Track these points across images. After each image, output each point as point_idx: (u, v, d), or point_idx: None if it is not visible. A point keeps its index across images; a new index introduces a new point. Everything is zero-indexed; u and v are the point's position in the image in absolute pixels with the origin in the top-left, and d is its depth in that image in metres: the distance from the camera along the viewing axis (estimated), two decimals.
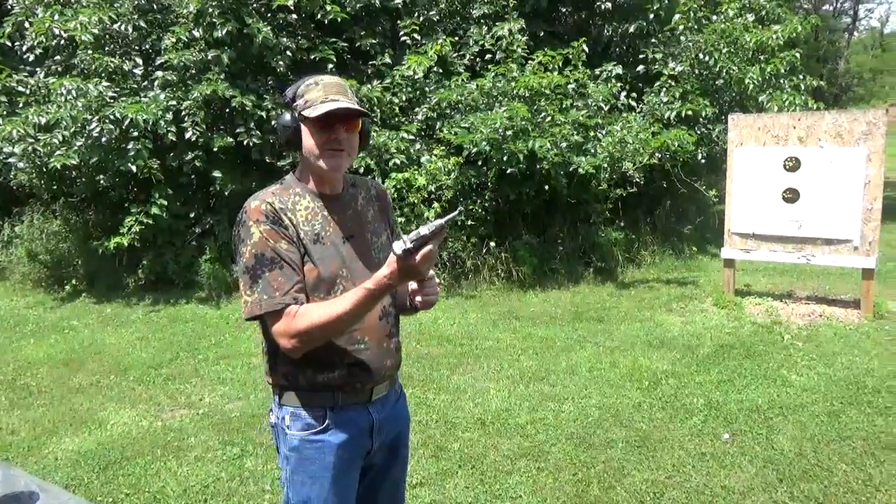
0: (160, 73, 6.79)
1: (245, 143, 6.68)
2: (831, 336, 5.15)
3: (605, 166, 6.82)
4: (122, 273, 7.03)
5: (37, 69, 7.43)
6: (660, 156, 7.00)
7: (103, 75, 6.75)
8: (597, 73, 7.78)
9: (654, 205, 8.37)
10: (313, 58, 7.11)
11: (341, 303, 1.57)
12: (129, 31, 7.05)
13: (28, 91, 7.07)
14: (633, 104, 7.81)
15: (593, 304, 6.23)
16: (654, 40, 8.42)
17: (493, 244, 7.00)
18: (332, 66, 7.16)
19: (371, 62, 7.55)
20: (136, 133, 6.31)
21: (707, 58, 7.75)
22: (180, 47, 6.67)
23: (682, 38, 8.00)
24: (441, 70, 7.45)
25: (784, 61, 7.69)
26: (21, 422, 4.03)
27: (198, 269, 6.85)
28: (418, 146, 7.07)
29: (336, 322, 1.57)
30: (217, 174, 6.73)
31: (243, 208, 1.66)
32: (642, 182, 7.31)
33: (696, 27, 7.96)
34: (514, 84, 6.86)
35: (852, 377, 4.34)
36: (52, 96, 6.51)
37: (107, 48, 7.17)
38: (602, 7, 8.47)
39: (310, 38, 7.36)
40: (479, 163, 6.94)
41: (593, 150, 6.88)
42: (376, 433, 1.77)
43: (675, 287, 6.73)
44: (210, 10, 6.68)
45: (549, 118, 6.75)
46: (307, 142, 1.66)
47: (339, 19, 7.16)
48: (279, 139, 1.72)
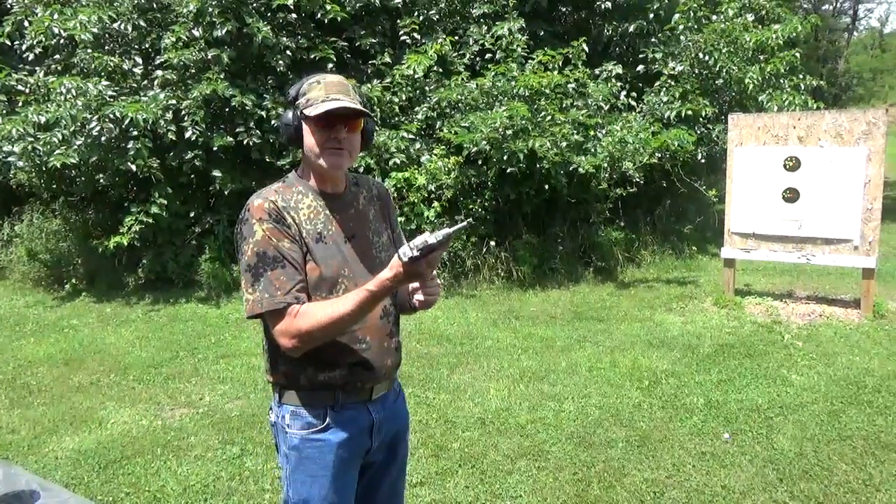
0: (160, 73, 6.79)
1: (245, 142, 6.68)
2: (831, 336, 5.16)
3: (605, 166, 6.83)
4: (122, 272, 7.03)
5: (36, 68, 7.42)
6: (660, 155, 7.00)
7: (103, 74, 6.75)
8: (597, 72, 7.78)
9: (654, 204, 8.38)
10: (313, 57, 7.11)
11: (343, 303, 1.57)
12: (129, 30, 7.05)
13: (28, 90, 7.08)
14: (633, 104, 7.81)
15: (593, 304, 6.23)
16: (654, 40, 8.42)
17: (493, 243, 7.01)
18: (331, 66, 7.15)
19: (371, 61, 7.55)
20: (135, 132, 6.31)
21: (707, 57, 7.75)
22: (180, 46, 6.67)
23: (682, 37, 8.00)
24: (441, 69, 7.45)
25: (784, 61, 7.69)
26: (21, 421, 4.03)
27: (197, 268, 6.85)
28: (418, 145, 7.07)
29: (338, 322, 1.57)
30: (217, 173, 6.73)
31: (246, 206, 1.65)
32: (642, 182, 7.31)
33: (695, 27, 7.97)
34: (514, 83, 6.86)
35: (852, 377, 4.34)
36: (52, 95, 6.51)
37: (106, 47, 7.18)
38: (602, 7, 8.47)
39: (310, 38, 7.36)
40: (479, 162, 6.94)
41: (593, 150, 6.88)
42: (376, 432, 1.77)
43: (675, 287, 6.73)
44: (210, 9, 6.68)
45: (549, 118, 6.75)
46: (308, 140, 1.66)
47: (339, 18, 7.15)
48: (281, 137, 1.72)
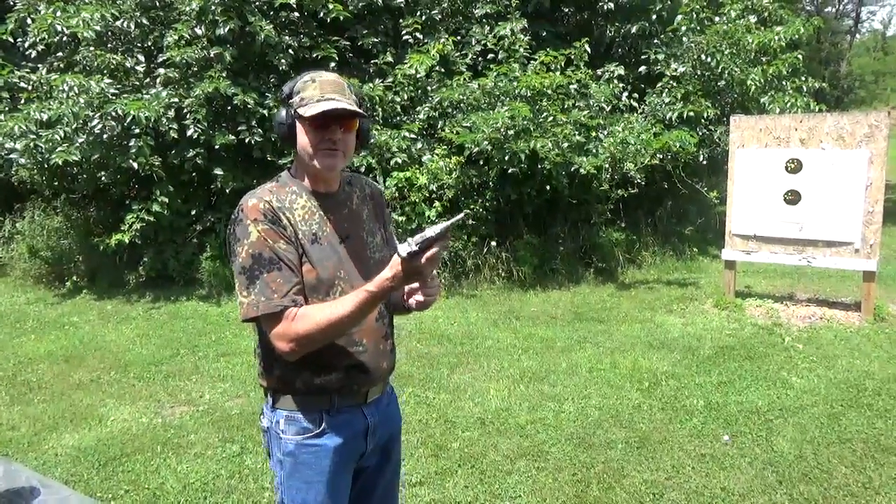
0: (162, 71, 6.79)
1: (247, 140, 6.68)
2: (832, 338, 5.15)
3: (607, 167, 6.83)
4: (123, 270, 7.03)
5: (39, 66, 7.43)
6: (661, 157, 6.99)
7: (105, 72, 6.76)
8: (599, 73, 7.77)
9: (656, 206, 8.37)
10: (315, 56, 7.11)
11: (342, 305, 1.53)
12: (132, 28, 7.05)
13: (30, 87, 7.09)
14: (634, 105, 7.81)
15: (594, 305, 6.23)
16: (656, 41, 8.42)
17: (493, 244, 7.01)
18: (333, 65, 7.16)
19: (373, 61, 7.55)
20: (137, 130, 6.31)
21: (709, 59, 7.74)
22: (182, 45, 6.67)
23: (685, 39, 7.99)
24: (443, 69, 7.45)
25: (786, 63, 7.68)
26: (21, 418, 4.03)
27: (198, 266, 6.86)
28: (420, 145, 7.07)
29: (337, 325, 1.54)
30: (218, 172, 6.73)
31: (239, 206, 1.61)
32: (643, 183, 7.31)
33: (698, 28, 7.96)
34: (515, 84, 6.86)
35: (852, 380, 4.34)
36: (54, 93, 6.51)
37: (109, 45, 7.19)
38: (604, 7, 8.47)
39: (312, 37, 7.36)
40: (481, 162, 6.94)
41: (595, 151, 6.88)
42: (370, 435, 1.75)
43: (675, 288, 6.73)
44: (212, 7, 6.68)
45: (551, 118, 6.75)
46: (302, 140, 1.62)
47: (342, 18, 7.16)
48: (277, 135, 1.69)
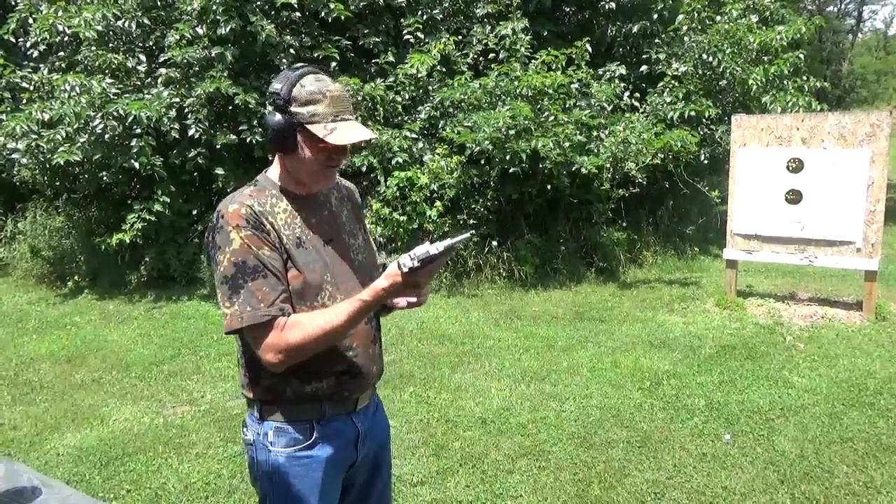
0: (163, 70, 6.79)
1: (248, 140, 6.68)
2: (833, 338, 5.15)
3: (608, 166, 6.82)
4: (125, 270, 7.04)
5: (40, 65, 7.44)
6: (662, 156, 6.98)
7: (107, 72, 6.76)
8: (600, 72, 7.77)
9: (657, 205, 8.36)
10: (316, 55, 7.11)
11: (336, 314, 1.49)
12: (133, 27, 7.06)
13: (32, 87, 7.11)
14: (636, 104, 7.79)
15: (595, 304, 6.22)
16: (657, 40, 8.41)
17: (495, 243, 7.01)
18: (335, 64, 7.17)
19: (374, 60, 7.55)
20: (139, 130, 6.32)
21: (710, 58, 7.73)
22: (184, 44, 6.67)
23: (686, 38, 7.98)
24: (444, 69, 7.44)
25: (788, 62, 7.66)
26: (23, 417, 4.04)
27: (200, 265, 6.87)
28: (421, 145, 7.07)
29: (330, 334, 1.50)
30: (220, 171, 6.74)
31: (218, 213, 1.53)
32: (645, 182, 7.30)
33: (699, 28, 7.95)
34: (517, 83, 6.86)
35: (854, 379, 4.34)
36: (56, 93, 6.52)
37: (110, 45, 7.18)
38: (606, 7, 8.46)
39: (313, 36, 7.36)
40: (482, 162, 6.93)
41: (596, 150, 6.87)
42: (360, 444, 1.71)
43: (676, 287, 6.72)
44: (214, 7, 6.68)
45: (552, 118, 6.74)
46: (304, 154, 1.55)
47: (343, 17, 7.15)
48: (268, 140, 1.59)
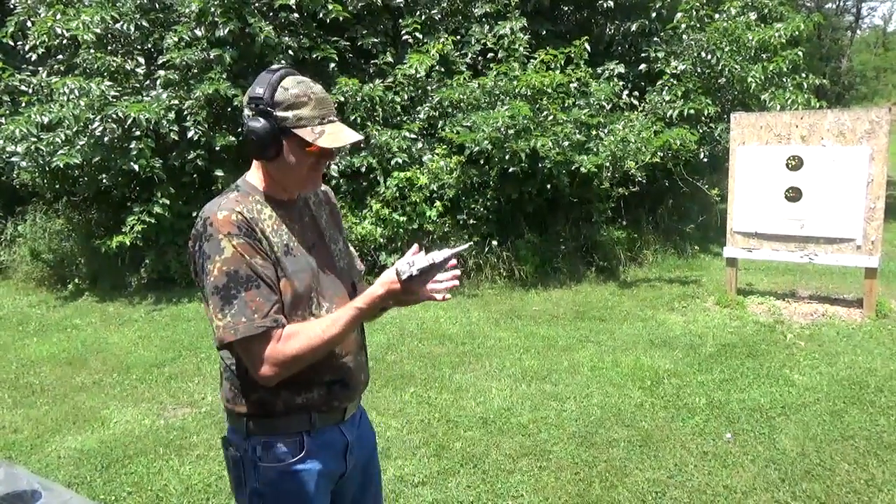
0: (162, 73, 6.79)
1: None
2: (834, 335, 5.14)
3: (608, 165, 6.81)
4: (125, 272, 7.03)
5: (39, 68, 7.44)
6: (662, 154, 6.98)
7: (105, 75, 6.76)
8: (599, 71, 7.76)
9: (657, 204, 8.36)
10: (315, 57, 7.12)
11: (332, 323, 1.46)
12: (132, 30, 7.05)
13: (31, 90, 7.11)
14: (635, 103, 7.79)
15: (595, 303, 6.22)
16: (656, 39, 8.40)
17: (495, 243, 7.00)
18: (333, 65, 7.17)
19: (373, 61, 7.55)
20: (138, 132, 6.32)
21: (709, 56, 7.72)
22: (182, 46, 6.67)
23: (685, 36, 7.97)
24: (443, 69, 7.44)
25: (786, 60, 7.65)
26: (24, 420, 4.04)
27: None
28: (420, 145, 7.07)
29: (327, 344, 1.47)
30: (219, 173, 6.73)
31: (205, 220, 1.46)
32: (644, 181, 7.30)
33: (698, 25, 7.94)
34: (516, 83, 6.85)
35: (855, 377, 4.33)
36: (55, 96, 6.52)
37: (109, 47, 7.18)
38: (604, 5, 8.45)
39: (311, 38, 7.36)
40: (481, 162, 6.93)
41: (595, 149, 6.87)
42: (349, 454, 1.67)
43: (677, 286, 6.72)
44: (212, 9, 6.69)
45: (552, 117, 6.74)
46: (290, 159, 1.50)
47: (341, 18, 7.15)
48: (250, 147, 1.50)
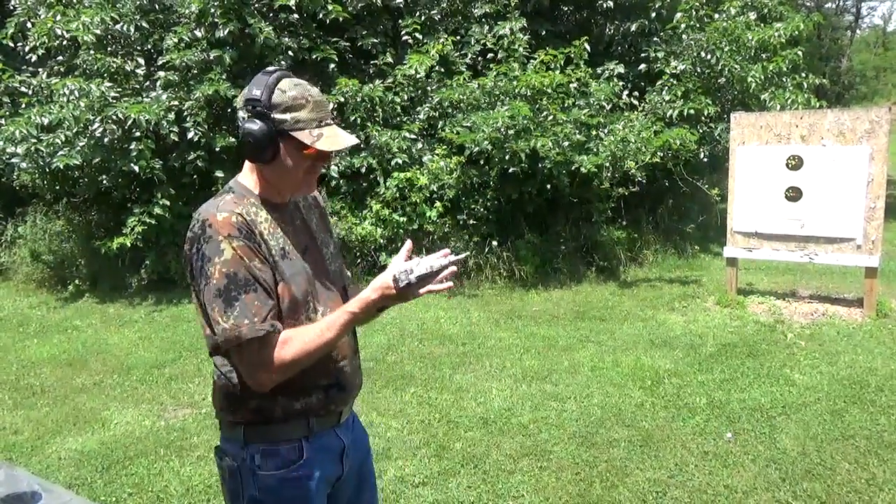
0: (162, 74, 6.79)
1: None
2: (834, 335, 5.14)
3: (608, 165, 6.81)
4: (125, 273, 7.03)
5: (39, 70, 7.44)
6: (662, 154, 6.98)
7: (105, 76, 6.76)
8: (599, 71, 7.76)
9: (657, 204, 8.36)
10: (315, 57, 7.12)
11: (327, 328, 1.46)
12: (132, 31, 7.06)
13: (31, 91, 7.11)
14: (635, 103, 7.79)
15: (595, 304, 6.22)
16: (655, 39, 8.40)
17: (495, 243, 7.01)
18: (333, 66, 7.17)
19: (373, 61, 7.55)
20: (138, 133, 6.32)
21: (709, 56, 7.72)
22: (182, 47, 6.67)
23: (684, 36, 7.97)
24: (443, 69, 7.44)
25: (786, 59, 7.66)
26: (24, 422, 4.04)
27: None
28: (420, 145, 7.07)
29: (323, 349, 1.47)
30: (219, 174, 6.72)
31: (203, 221, 1.44)
32: (644, 181, 7.30)
33: (698, 25, 7.94)
34: (515, 83, 6.86)
35: (855, 376, 4.33)
36: (55, 97, 6.52)
37: (109, 48, 7.18)
38: (604, 6, 8.46)
39: (311, 38, 7.36)
40: (481, 162, 6.94)
41: (595, 149, 6.87)
42: (345, 458, 1.67)
43: (677, 286, 6.72)
44: (212, 10, 6.69)
45: (551, 117, 6.74)
46: (287, 163, 1.49)
47: (341, 19, 7.16)
48: (247, 149, 1.48)
